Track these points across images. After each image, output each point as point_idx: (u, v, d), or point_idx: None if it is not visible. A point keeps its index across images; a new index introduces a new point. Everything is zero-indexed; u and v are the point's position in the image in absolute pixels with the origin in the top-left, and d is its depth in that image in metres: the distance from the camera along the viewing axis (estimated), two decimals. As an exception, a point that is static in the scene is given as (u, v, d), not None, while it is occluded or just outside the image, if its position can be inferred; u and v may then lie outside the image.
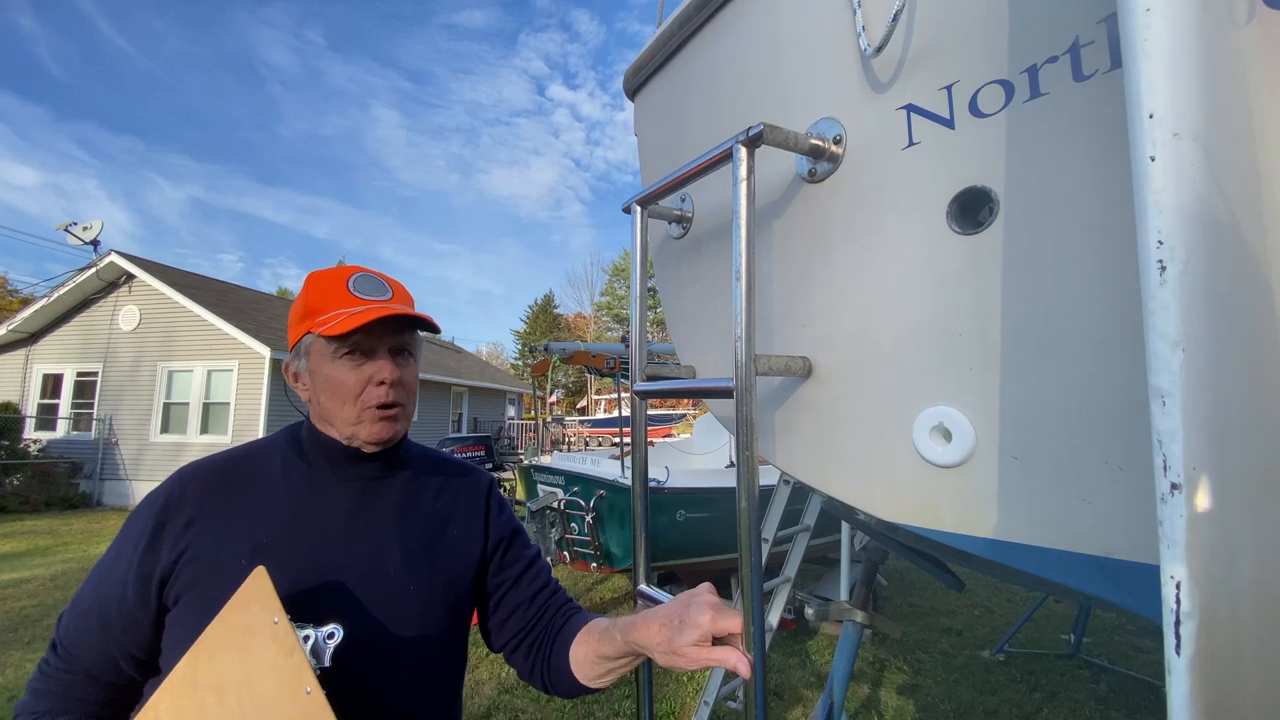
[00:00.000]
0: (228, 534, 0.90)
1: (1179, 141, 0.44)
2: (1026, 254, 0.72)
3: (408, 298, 1.04)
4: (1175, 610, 0.41)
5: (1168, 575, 0.42)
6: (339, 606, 0.89)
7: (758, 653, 0.80)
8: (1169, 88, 0.44)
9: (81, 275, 12.85)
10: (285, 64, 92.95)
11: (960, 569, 2.11)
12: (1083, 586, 0.66)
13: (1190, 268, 0.43)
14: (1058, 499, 0.69)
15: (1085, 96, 0.68)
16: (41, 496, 11.18)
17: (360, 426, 0.96)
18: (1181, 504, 0.41)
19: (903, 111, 0.85)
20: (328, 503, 0.96)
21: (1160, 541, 0.42)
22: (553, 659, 1.02)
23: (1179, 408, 0.42)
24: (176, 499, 0.91)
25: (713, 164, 0.93)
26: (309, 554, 0.92)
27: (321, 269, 1.03)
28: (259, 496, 0.94)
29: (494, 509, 1.11)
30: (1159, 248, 0.44)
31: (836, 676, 2.40)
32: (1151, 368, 0.44)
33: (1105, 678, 4.37)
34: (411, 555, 0.98)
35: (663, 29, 1.32)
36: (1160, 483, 0.43)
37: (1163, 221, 0.44)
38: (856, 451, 0.91)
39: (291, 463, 0.99)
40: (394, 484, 1.03)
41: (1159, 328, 0.44)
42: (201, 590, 0.86)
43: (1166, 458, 0.42)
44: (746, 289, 0.83)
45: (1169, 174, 0.44)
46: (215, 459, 0.99)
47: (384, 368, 0.95)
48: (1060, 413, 0.69)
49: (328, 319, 0.93)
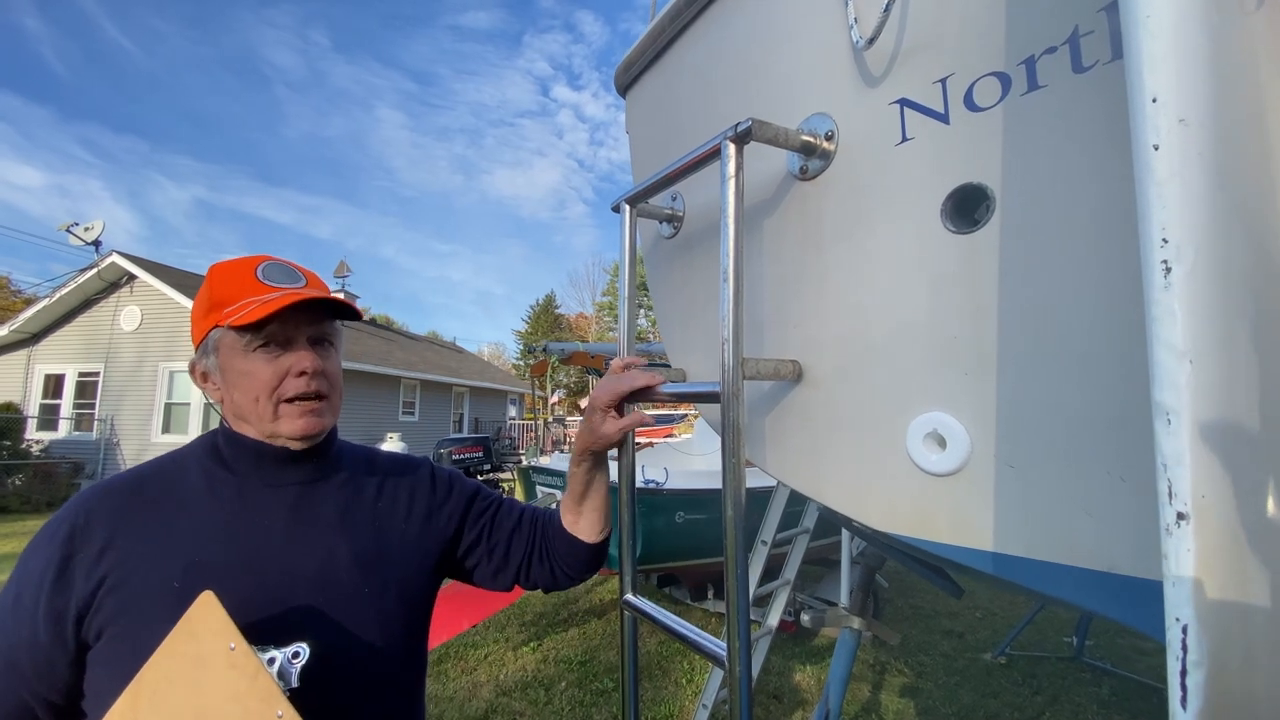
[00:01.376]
0: (152, 556, 0.82)
1: (1185, 128, 0.39)
2: (1024, 253, 0.69)
3: (322, 286, 0.97)
4: (1182, 658, 0.36)
5: (1173, 618, 0.36)
6: (292, 620, 0.84)
7: (743, 657, 0.77)
8: (1174, 69, 0.40)
9: (83, 276, 12.87)
10: (289, 65, 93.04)
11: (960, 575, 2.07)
12: (1084, 602, 0.62)
13: (1198, 269, 0.38)
14: (1057, 510, 0.65)
15: (1086, 88, 0.65)
16: (43, 497, 11.18)
17: (280, 422, 0.89)
18: (1189, 536, 0.36)
19: (896, 106, 0.82)
20: (263, 512, 0.89)
21: (1165, 579, 0.37)
22: (557, 542, 1.07)
23: (1186, 428, 0.37)
24: (83, 526, 0.82)
25: (701, 160, 0.90)
26: (251, 568, 0.85)
27: (225, 259, 0.96)
28: (182, 512, 0.86)
29: (442, 490, 1.08)
30: (1163, 246, 0.39)
31: (833, 682, 2.36)
32: (1155, 382, 0.39)
33: (1108, 681, 4.33)
34: (363, 558, 0.93)
35: (654, 24, 1.29)
36: (1165, 512, 0.38)
37: (1167, 217, 0.39)
38: (848, 458, 0.88)
39: (214, 473, 0.91)
40: (331, 486, 0.96)
41: (1163, 337, 0.39)
42: (128, 622, 0.79)
43: (1172, 483, 0.37)
44: (734, 290, 0.80)
45: (1174, 163, 0.39)
46: (122, 478, 0.91)
47: (304, 358, 0.88)
48: (1059, 419, 0.66)
49: (236, 309, 0.86)
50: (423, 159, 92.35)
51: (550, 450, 10.02)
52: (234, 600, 0.76)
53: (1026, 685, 4.24)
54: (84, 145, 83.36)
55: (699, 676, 4.18)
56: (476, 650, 4.62)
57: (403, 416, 16.98)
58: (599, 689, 4.01)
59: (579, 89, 78.40)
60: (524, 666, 4.36)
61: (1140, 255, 0.40)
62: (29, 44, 76.34)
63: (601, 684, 4.08)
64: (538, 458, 6.79)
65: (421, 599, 1.00)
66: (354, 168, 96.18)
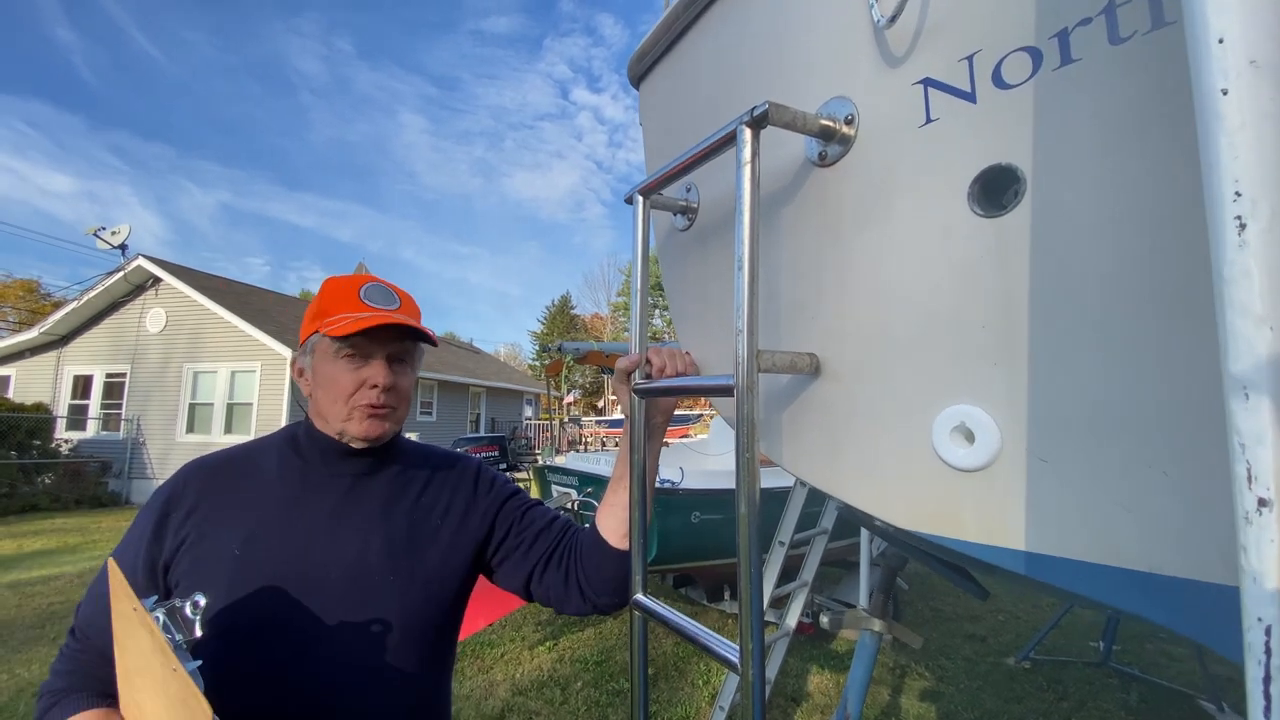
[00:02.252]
0: (223, 525, 0.95)
1: (1257, 70, 0.36)
2: (1057, 236, 0.65)
3: (414, 310, 1.09)
4: (1265, 663, 0.32)
5: (1254, 617, 0.32)
6: (321, 596, 0.93)
7: (756, 660, 0.74)
8: (1243, 5, 0.36)
9: (110, 279, 13.17)
10: (314, 71, 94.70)
11: (986, 577, 2.02)
12: (1124, 605, 0.59)
13: (1277, 224, 0.35)
14: (1093, 506, 0.62)
15: (1123, 61, 0.61)
16: (72, 495, 11.46)
17: (350, 423, 1.00)
18: (1273, 525, 0.32)
19: (919, 86, 0.79)
20: (317, 497, 1.00)
21: (1242, 573, 0.33)
22: (584, 547, 1.08)
23: (1269, 402, 0.33)
24: (180, 491, 0.98)
25: (716, 148, 0.87)
26: (297, 545, 0.95)
27: (339, 275, 1.09)
28: (254, 490, 0.99)
29: (483, 490, 1.15)
30: (1236, 200, 0.35)
31: (853, 686, 2.32)
32: (1229, 352, 0.35)
33: (1136, 687, 4.22)
34: (394, 547, 1.00)
35: (667, 12, 1.27)
36: (1243, 498, 0.34)
37: (1240, 168, 0.35)
38: (870, 454, 0.84)
39: (287, 458, 1.03)
40: (382, 478, 1.06)
41: (1239, 301, 0.35)
42: (194, 581, 0.90)
43: (1252, 465, 0.33)
44: (749, 280, 0.78)
45: (1246, 110, 0.36)
46: (217, 455, 1.05)
47: (379, 372, 0.99)
48: (1095, 410, 0.62)
49: (334, 320, 0.98)
50: (443, 162, 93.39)
51: (566, 450, 10.03)
52: (272, 569, 0.92)
53: (1051, 690, 4.15)
54: (113, 152, 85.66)
55: (715, 679, 4.14)
56: (493, 649, 4.63)
57: (420, 416, 17.12)
58: (615, 689, 3.99)
59: (598, 91, 78.79)
60: (540, 666, 4.36)
61: (1207, 213, 0.36)
62: (61, 54, 78.49)
63: (617, 684, 4.06)
64: (553, 457, 6.79)
65: (449, 593, 1.05)
66: (376, 172, 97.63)
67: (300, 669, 0.90)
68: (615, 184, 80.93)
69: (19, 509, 10.51)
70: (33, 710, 3.69)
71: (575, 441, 18.88)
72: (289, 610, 0.91)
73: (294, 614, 0.91)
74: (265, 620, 0.90)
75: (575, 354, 6.11)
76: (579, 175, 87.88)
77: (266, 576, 0.91)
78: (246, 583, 0.91)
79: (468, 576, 1.09)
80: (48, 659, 4.38)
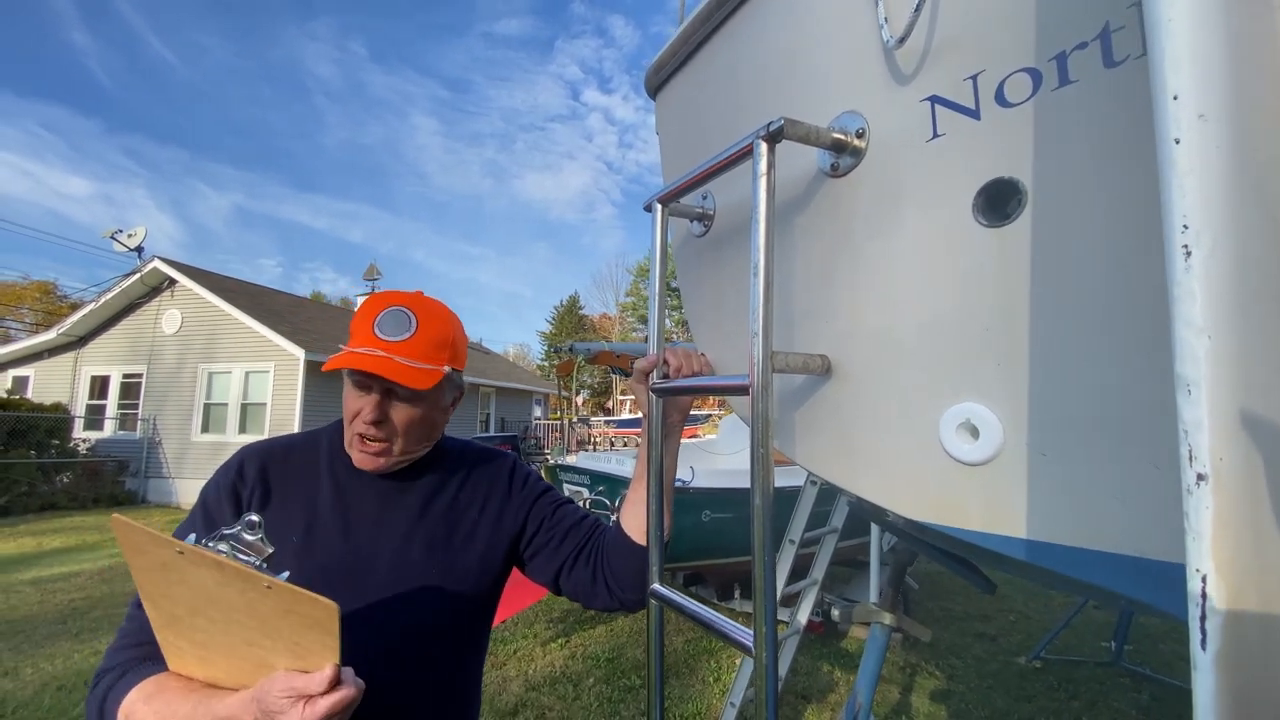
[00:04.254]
0: (284, 511, 1.00)
1: (1204, 123, 0.42)
2: (1056, 245, 0.70)
3: (429, 339, 1.04)
4: (1201, 605, 0.40)
5: (1194, 569, 0.40)
6: (366, 592, 0.98)
7: (770, 653, 0.79)
8: (1194, 68, 0.43)
9: (126, 281, 13.36)
10: (328, 75, 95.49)
11: (994, 573, 2.06)
12: (1116, 587, 0.63)
13: (1216, 253, 0.42)
14: (1090, 497, 0.66)
15: (1116, 83, 0.66)
16: (90, 494, 11.64)
17: (351, 449, 1.05)
18: (1208, 495, 0.40)
19: (926, 103, 0.84)
20: (365, 494, 1.05)
21: (1186, 535, 0.41)
22: (609, 544, 1.11)
23: (1205, 396, 0.41)
24: (243, 471, 1.02)
25: (733, 160, 0.93)
26: (348, 537, 1.00)
27: (382, 292, 1.09)
28: (312, 480, 1.04)
29: (517, 486, 1.19)
30: (1184, 232, 0.42)
31: (863, 679, 2.36)
32: (1177, 356, 0.43)
33: (1148, 687, 4.22)
34: (433, 545, 1.05)
35: (684, 26, 1.32)
36: (1186, 474, 0.41)
37: (1187, 205, 0.42)
38: (881, 449, 0.89)
39: (337, 452, 1.08)
40: (425, 476, 1.10)
41: (1184, 314, 0.42)
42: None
43: (1193, 448, 0.41)
44: (764, 285, 0.83)
45: (1194, 157, 0.42)
46: (277, 441, 1.10)
47: (369, 407, 1.00)
48: (1092, 408, 0.67)
49: (344, 351, 1.00)
50: (455, 164, 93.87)
51: (575, 450, 10.09)
52: (323, 562, 0.97)
53: (1062, 690, 4.16)
54: (129, 155, 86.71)
55: (726, 675, 4.18)
56: (506, 645, 4.69)
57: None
58: (626, 685, 4.05)
59: (609, 92, 78.97)
60: (552, 662, 4.41)
61: (1163, 240, 0.43)
62: (78, 59, 79.41)
63: (629, 680, 4.11)
64: (564, 457, 6.85)
65: (486, 587, 1.10)
66: (388, 174, 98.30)
67: (349, 658, 0.94)
68: (625, 184, 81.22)
69: (38, 507, 10.71)
70: (56, 703, 3.76)
71: (585, 441, 18.93)
72: (339, 601, 0.94)
73: (343, 605, 0.94)
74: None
75: (587, 354, 6.17)
76: (589, 176, 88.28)
77: (320, 568, 0.97)
78: (303, 571, 0.94)
79: (502, 571, 1.14)
80: (70, 654, 4.49)
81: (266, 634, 0.71)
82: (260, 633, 0.71)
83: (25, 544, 8.22)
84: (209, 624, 0.74)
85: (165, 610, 0.76)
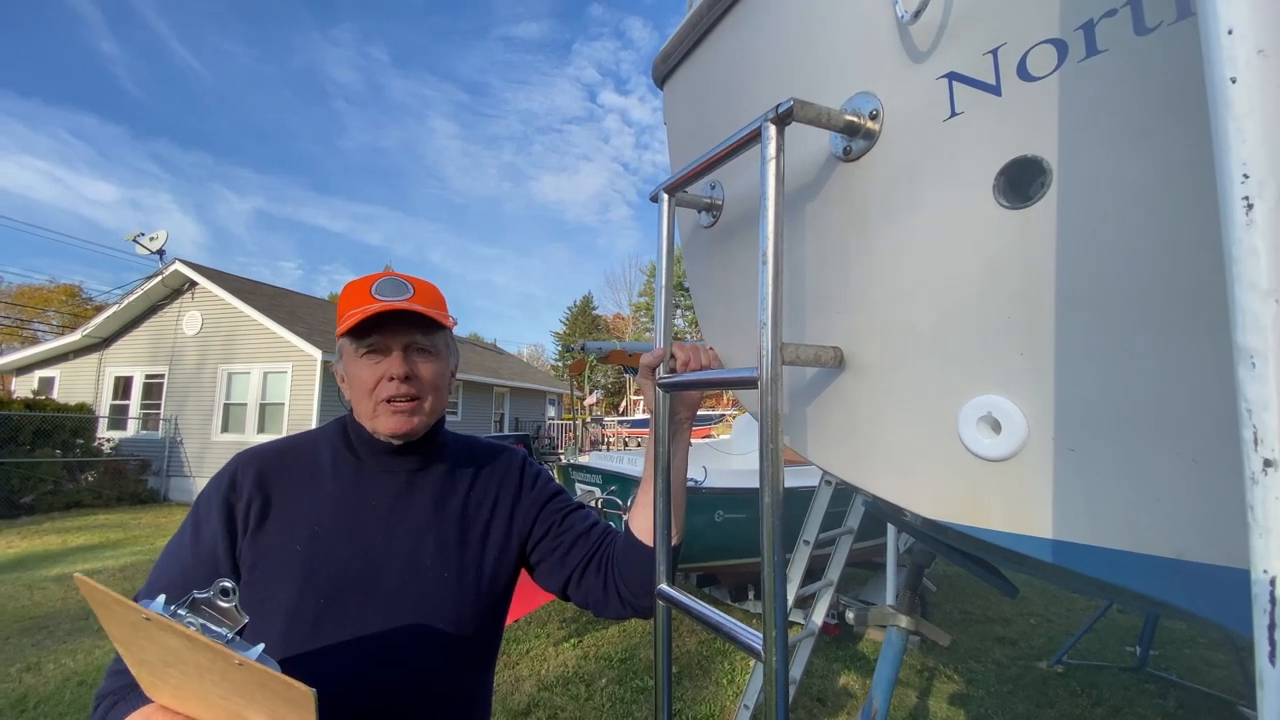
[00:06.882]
0: (285, 518, 0.96)
1: (1264, 59, 0.37)
2: (1083, 227, 0.66)
3: (431, 297, 1.06)
4: (1270, 612, 0.34)
5: (1260, 570, 0.35)
6: (376, 596, 0.95)
7: (779, 657, 0.76)
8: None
9: (149, 283, 13.61)
10: (348, 80, 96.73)
11: (1015, 575, 2.00)
12: (1150, 591, 0.59)
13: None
14: (1121, 495, 0.62)
15: (1149, 51, 0.61)
16: (113, 492, 11.86)
17: (378, 420, 1.01)
18: (1278, 483, 0.35)
19: (944, 80, 0.79)
20: (373, 494, 1.02)
21: (1250, 530, 0.35)
22: (620, 551, 1.08)
23: (1273, 369, 0.35)
24: (238, 481, 0.98)
25: (741, 145, 0.89)
26: (356, 541, 0.97)
27: (359, 276, 1.08)
28: (312, 485, 1.00)
29: (527, 486, 1.16)
30: (1244, 182, 0.37)
31: (879, 684, 2.30)
32: (1237, 324, 0.37)
33: (1174, 693, 4.10)
34: (446, 545, 1.03)
35: (691, 13, 1.28)
36: (1250, 460, 0.36)
37: (1248, 152, 0.37)
38: (897, 445, 0.85)
39: (341, 454, 1.04)
40: (433, 475, 1.08)
41: (1245, 277, 0.37)
42: (261, 572, 0.93)
43: (1258, 429, 0.36)
44: (774, 274, 0.79)
45: (1254, 97, 0.38)
46: (271, 445, 1.05)
47: (395, 363, 0.99)
48: (1123, 400, 0.62)
49: (347, 318, 0.98)
50: (472, 167, 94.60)
51: (588, 449, 10.08)
52: (335, 567, 0.94)
53: (1085, 695, 4.06)
54: (154, 160, 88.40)
55: (740, 677, 4.14)
56: (519, 645, 4.68)
57: (446, 416, 17.35)
58: (639, 686, 4.02)
59: (626, 94, 79.15)
60: (565, 662, 4.40)
61: (1218, 194, 0.38)
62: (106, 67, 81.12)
63: (642, 681, 4.08)
64: (577, 456, 6.84)
65: (498, 588, 1.08)
66: (406, 176, 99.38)
67: (360, 664, 0.92)
68: (641, 185, 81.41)
69: (63, 505, 10.92)
70: (77, 698, 3.82)
71: (598, 441, 18.94)
72: (348, 607, 0.93)
73: (352, 610, 0.93)
74: (326, 616, 0.92)
75: (598, 353, 6.14)
76: (605, 177, 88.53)
77: (329, 573, 0.94)
78: (310, 578, 0.93)
79: (514, 572, 1.12)
80: (91, 650, 4.55)
81: (242, 696, 0.66)
82: (236, 694, 0.67)
83: (50, 541, 8.38)
84: (183, 676, 0.70)
85: (136, 656, 0.72)
